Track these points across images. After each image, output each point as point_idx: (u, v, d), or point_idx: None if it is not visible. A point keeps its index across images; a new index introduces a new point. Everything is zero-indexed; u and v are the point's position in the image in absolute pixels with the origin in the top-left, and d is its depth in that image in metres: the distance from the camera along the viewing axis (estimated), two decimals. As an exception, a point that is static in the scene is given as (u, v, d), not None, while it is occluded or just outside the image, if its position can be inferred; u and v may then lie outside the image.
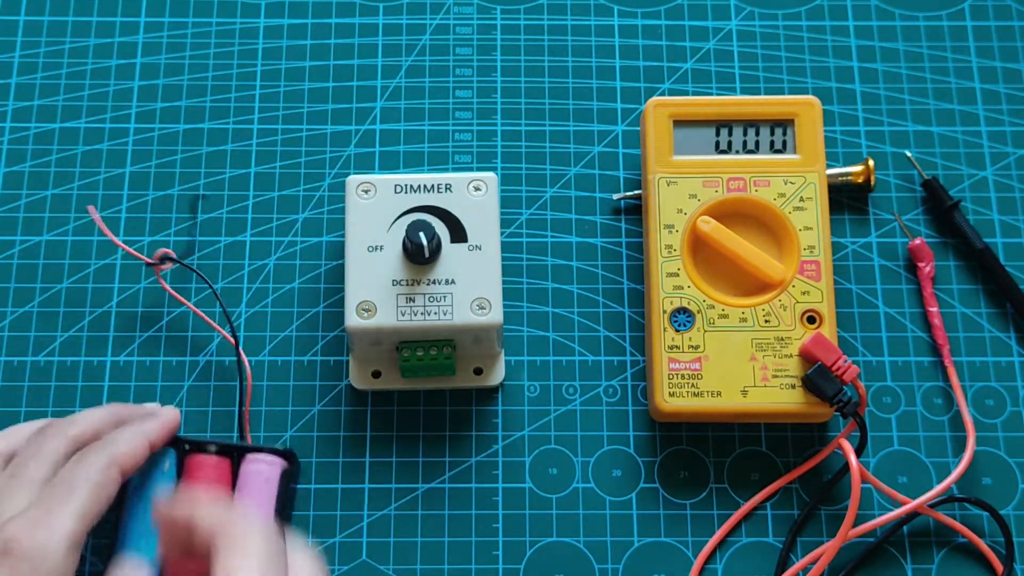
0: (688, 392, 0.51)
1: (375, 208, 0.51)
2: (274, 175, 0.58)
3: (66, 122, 0.59)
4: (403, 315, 0.49)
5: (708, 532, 0.52)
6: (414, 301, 0.49)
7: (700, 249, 0.54)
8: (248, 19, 0.62)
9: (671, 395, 0.51)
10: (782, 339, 0.52)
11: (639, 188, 0.58)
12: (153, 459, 0.49)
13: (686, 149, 0.55)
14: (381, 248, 0.50)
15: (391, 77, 0.61)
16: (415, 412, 0.54)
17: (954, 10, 0.62)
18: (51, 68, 0.60)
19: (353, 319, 0.49)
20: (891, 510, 0.52)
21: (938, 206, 0.57)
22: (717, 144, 0.55)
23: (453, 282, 0.50)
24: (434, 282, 0.50)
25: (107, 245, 0.57)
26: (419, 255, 0.49)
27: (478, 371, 0.53)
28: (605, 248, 0.57)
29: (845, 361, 0.50)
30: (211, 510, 0.40)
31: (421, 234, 0.49)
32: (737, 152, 0.55)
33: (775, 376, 0.51)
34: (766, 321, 0.52)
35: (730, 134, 0.55)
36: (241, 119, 0.59)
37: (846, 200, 0.58)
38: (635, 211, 0.58)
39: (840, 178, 0.57)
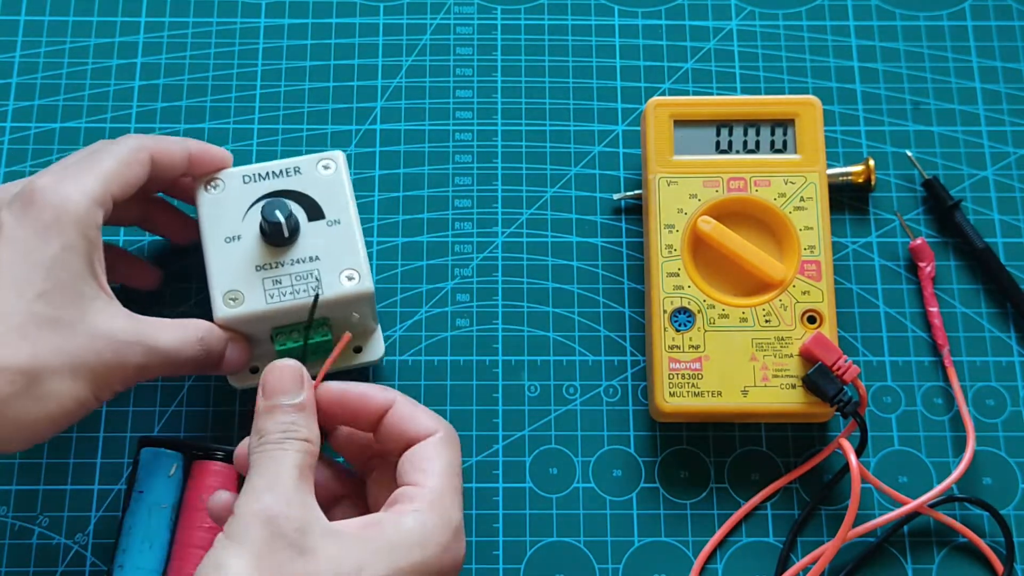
0: (688, 392, 0.51)
1: (226, 200, 0.50)
2: (274, 175, 0.58)
3: (67, 122, 0.59)
4: (272, 297, 0.48)
5: (708, 532, 0.52)
6: (281, 283, 0.48)
7: (700, 249, 0.54)
8: (249, 19, 0.62)
9: (671, 395, 0.51)
10: (782, 339, 0.52)
11: (639, 188, 0.58)
12: (159, 463, 0.49)
13: (686, 149, 0.55)
14: (239, 238, 0.49)
15: (392, 77, 0.61)
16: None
17: (955, 10, 0.62)
18: (52, 68, 0.60)
19: (222, 310, 0.47)
20: (891, 510, 0.52)
21: (939, 206, 0.57)
22: (717, 144, 0.55)
23: (317, 259, 0.48)
24: (298, 261, 0.48)
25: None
26: (278, 234, 0.48)
27: (357, 350, 0.52)
28: (605, 248, 0.57)
29: (845, 361, 0.50)
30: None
31: (277, 212, 0.47)
32: (737, 152, 0.55)
33: (775, 376, 0.51)
34: (766, 321, 0.52)
35: (730, 134, 0.55)
36: (242, 119, 0.59)
37: (847, 200, 0.58)
38: (635, 211, 0.58)
39: (841, 178, 0.57)
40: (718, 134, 0.55)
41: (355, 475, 0.48)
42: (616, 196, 0.58)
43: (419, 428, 0.44)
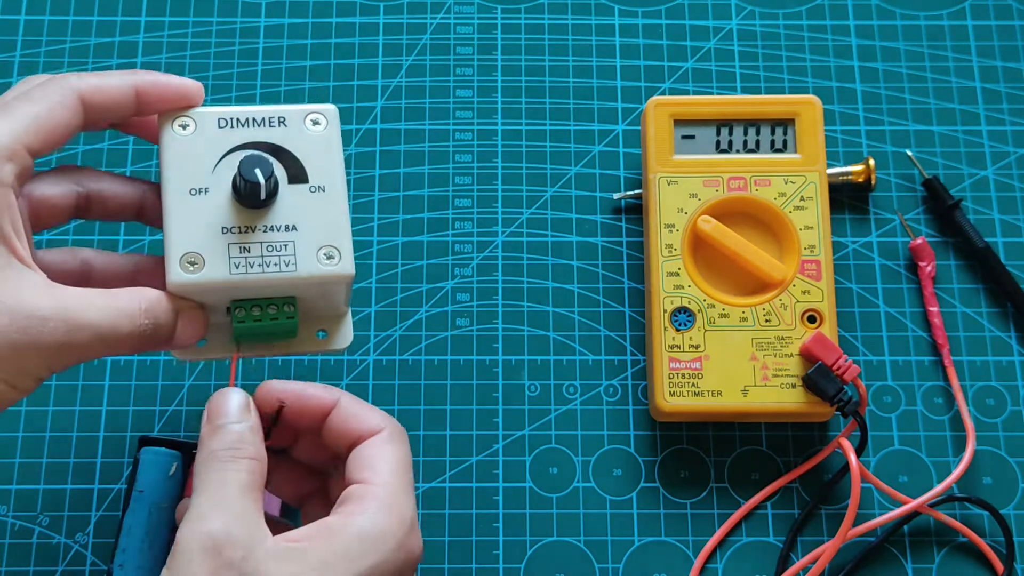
0: (688, 391, 0.51)
1: (195, 145, 0.43)
2: (275, 174, 0.58)
3: (67, 121, 0.59)
4: (237, 267, 0.41)
5: (708, 531, 0.52)
6: (249, 251, 0.41)
7: (701, 248, 0.54)
8: (249, 18, 0.62)
9: (671, 394, 0.51)
10: (783, 338, 0.52)
11: (640, 187, 0.58)
12: (159, 463, 0.49)
13: (687, 148, 0.55)
14: (206, 191, 0.42)
15: (392, 76, 0.61)
16: (416, 412, 0.54)
17: (955, 9, 0.62)
18: (52, 68, 0.60)
19: (177, 274, 0.40)
20: (891, 510, 0.52)
21: (939, 205, 0.57)
22: (718, 143, 0.55)
23: (295, 228, 0.42)
24: (272, 229, 0.42)
25: (108, 244, 0.57)
26: (254, 196, 0.41)
27: (322, 334, 0.46)
28: (606, 247, 0.57)
29: (846, 360, 0.50)
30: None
31: (258, 171, 0.41)
32: (738, 151, 0.55)
33: (775, 375, 0.51)
34: (767, 320, 0.52)
35: (731, 133, 0.55)
36: (242, 118, 0.59)
37: (847, 199, 0.58)
38: (636, 210, 0.58)
39: (841, 177, 0.57)
40: (718, 134, 0.55)
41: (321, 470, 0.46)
42: (616, 195, 0.58)
43: (365, 426, 0.42)
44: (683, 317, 0.52)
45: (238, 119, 0.43)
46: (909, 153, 0.59)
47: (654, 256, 0.53)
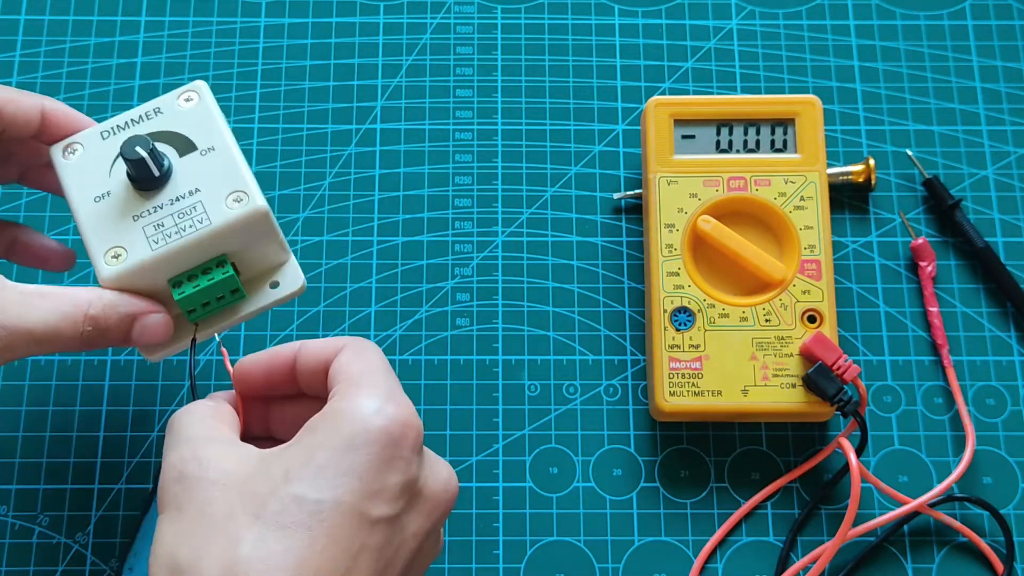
0: (688, 391, 0.51)
1: (88, 162, 0.45)
2: (275, 174, 0.58)
3: (67, 121, 0.59)
4: (157, 243, 0.43)
5: (708, 531, 0.52)
6: (163, 225, 0.43)
7: (701, 248, 0.54)
8: (249, 18, 0.62)
9: (671, 394, 0.51)
10: (783, 338, 0.52)
11: (640, 187, 0.58)
12: None
13: (687, 148, 0.55)
14: (108, 194, 0.44)
15: (392, 76, 0.61)
16: (416, 411, 0.54)
17: (955, 9, 0.62)
18: (52, 67, 0.60)
19: (105, 270, 0.42)
20: (891, 509, 0.52)
21: (939, 205, 0.57)
22: (718, 143, 0.55)
23: (198, 191, 0.44)
24: (177, 199, 0.44)
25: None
26: (146, 174, 0.43)
27: (274, 286, 0.46)
28: (606, 247, 0.57)
29: (846, 360, 0.50)
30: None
31: (138, 148, 0.42)
32: (738, 151, 0.55)
33: (775, 375, 0.51)
34: (767, 320, 0.52)
35: (731, 133, 0.55)
36: (242, 118, 0.59)
37: (847, 199, 0.58)
38: (636, 210, 0.58)
39: (841, 177, 0.57)
40: (718, 133, 0.55)
41: None
42: (616, 195, 0.58)
43: (331, 347, 0.42)
44: (683, 317, 0.52)
45: (118, 125, 0.46)
46: (909, 153, 0.59)
47: (654, 256, 0.53)
